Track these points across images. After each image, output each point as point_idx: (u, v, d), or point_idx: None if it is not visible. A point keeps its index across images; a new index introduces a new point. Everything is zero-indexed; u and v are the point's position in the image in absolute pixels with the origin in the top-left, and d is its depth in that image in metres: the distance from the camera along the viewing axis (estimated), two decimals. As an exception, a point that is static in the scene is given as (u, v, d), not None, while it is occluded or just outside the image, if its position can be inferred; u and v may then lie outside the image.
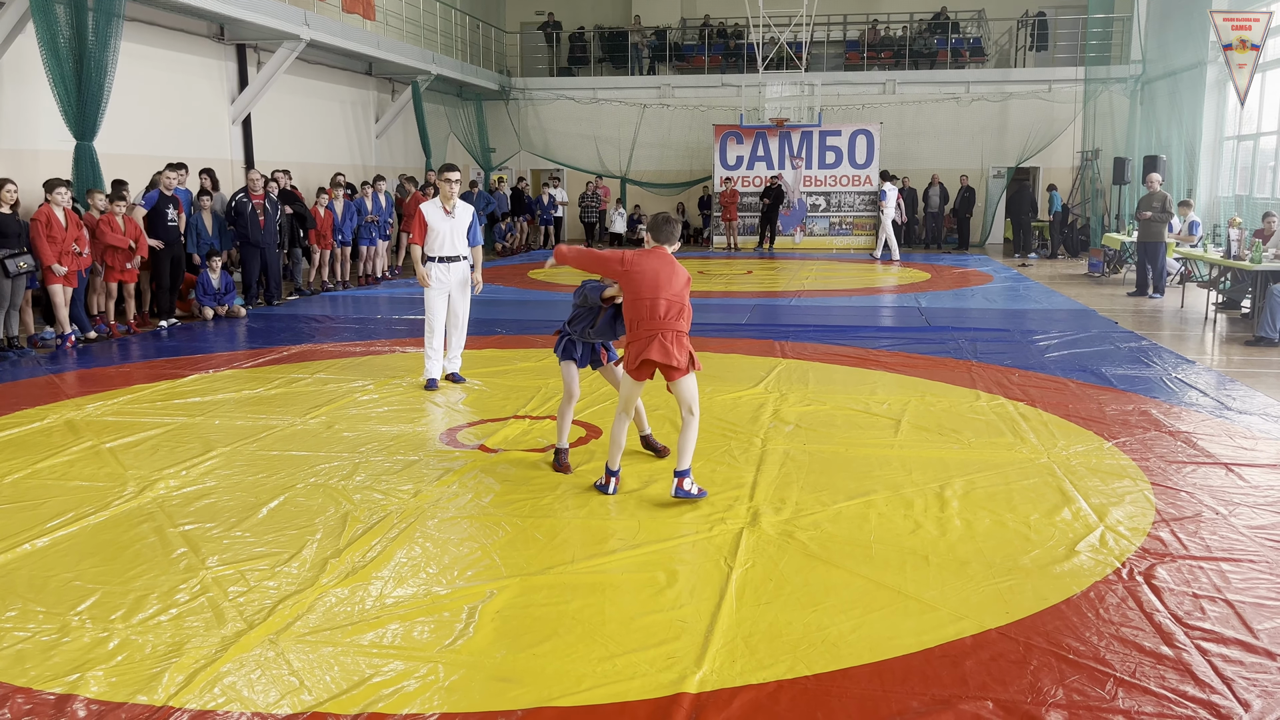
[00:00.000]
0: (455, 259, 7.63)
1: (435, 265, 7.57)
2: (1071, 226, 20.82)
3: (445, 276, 7.62)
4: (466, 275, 7.75)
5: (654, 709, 3.08)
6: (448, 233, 7.55)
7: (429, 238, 7.54)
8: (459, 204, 7.64)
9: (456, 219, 7.60)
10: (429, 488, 5.24)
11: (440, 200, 7.57)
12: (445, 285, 7.63)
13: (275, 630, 3.59)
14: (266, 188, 12.39)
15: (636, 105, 24.08)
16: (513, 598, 3.88)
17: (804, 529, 4.62)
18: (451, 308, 7.74)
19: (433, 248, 7.55)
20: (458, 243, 7.61)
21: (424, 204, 7.63)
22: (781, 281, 15.62)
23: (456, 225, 7.59)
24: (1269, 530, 4.55)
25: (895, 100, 23.25)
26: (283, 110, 16.60)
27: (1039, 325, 10.76)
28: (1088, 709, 3.05)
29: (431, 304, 7.64)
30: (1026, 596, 3.88)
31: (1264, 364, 8.71)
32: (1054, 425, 6.46)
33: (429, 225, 7.51)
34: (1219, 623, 3.63)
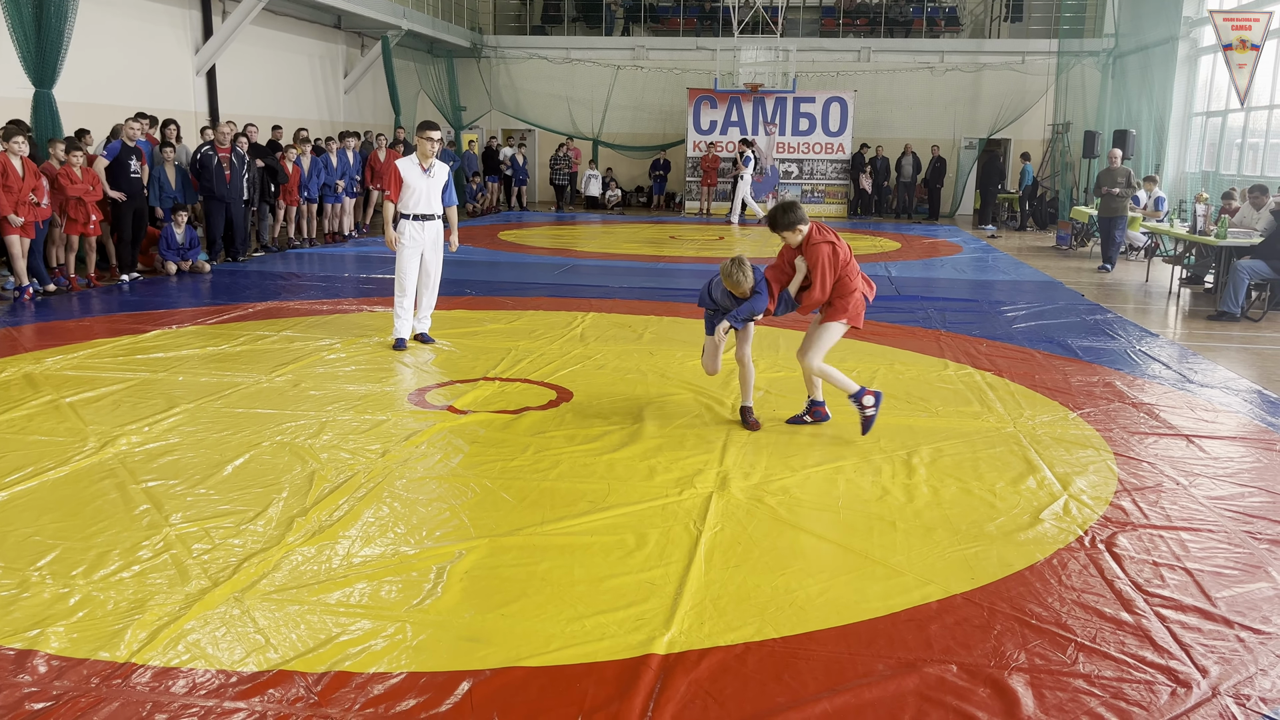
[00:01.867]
0: (430, 217, 7.52)
1: (409, 223, 7.46)
2: (1040, 199, 20.95)
3: (419, 235, 7.51)
4: (440, 234, 7.65)
5: (622, 670, 3.09)
6: (424, 191, 7.43)
7: (404, 195, 7.41)
8: (436, 163, 7.52)
9: (434, 177, 7.47)
10: (397, 448, 5.20)
11: (418, 157, 7.44)
12: (418, 244, 7.53)
13: (240, 588, 3.56)
14: (235, 142, 12.13)
15: (610, 66, 23.83)
16: (481, 558, 3.87)
17: (773, 494, 4.64)
18: (424, 267, 7.64)
19: (408, 205, 7.43)
20: (434, 201, 7.50)
21: (400, 160, 7.47)
22: (753, 248, 15.60)
23: (433, 184, 7.47)
24: (1228, 501, 4.63)
25: (870, 68, 23.18)
26: (248, 62, 16.24)
27: (1007, 296, 10.85)
28: (1049, 673, 3.10)
29: (403, 263, 7.54)
30: (991, 562, 3.93)
31: (1225, 338, 8.84)
32: (1020, 395, 6.52)
33: (405, 182, 7.38)
34: (1178, 590, 3.70)
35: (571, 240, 16.67)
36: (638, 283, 11.49)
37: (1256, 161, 16.09)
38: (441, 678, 3.03)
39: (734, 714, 2.87)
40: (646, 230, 18.38)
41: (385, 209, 7.51)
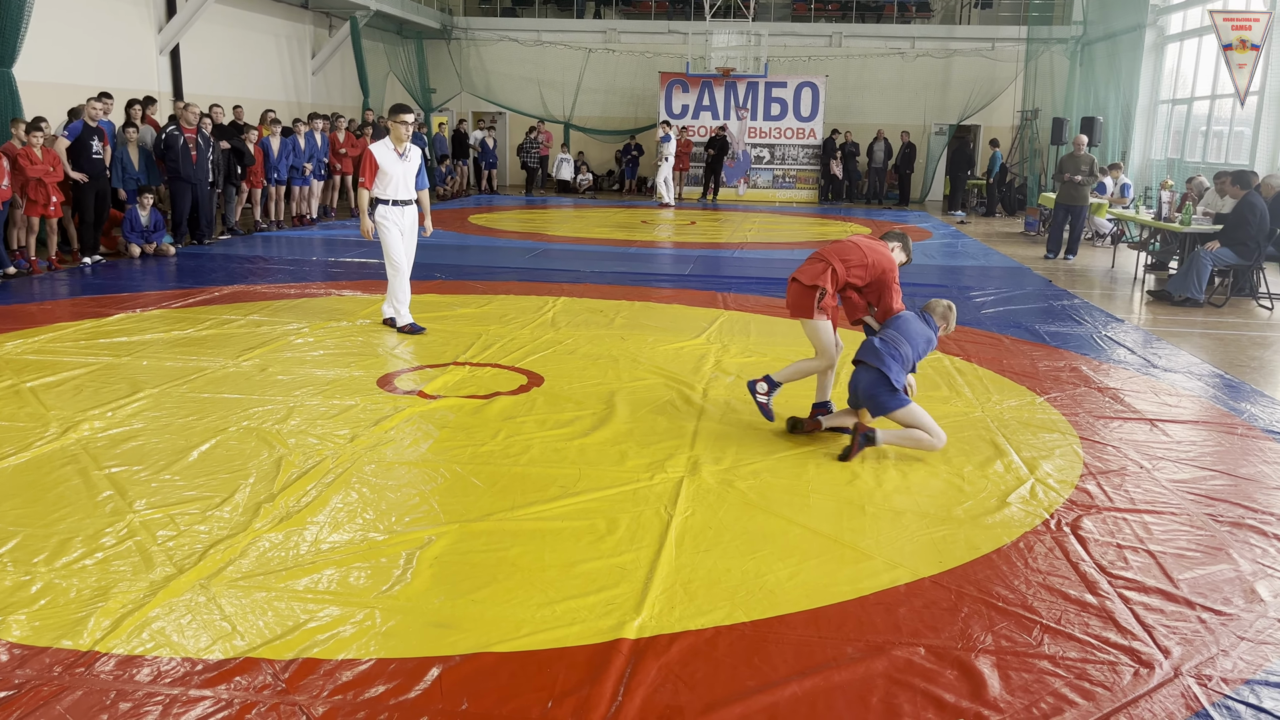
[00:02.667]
0: (407, 202, 7.43)
1: (389, 208, 7.35)
2: (1010, 185, 21.11)
3: (399, 220, 7.42)
4: (415, 220, 7.56)
5: (593, 654, 3.08)
6: (400, 176, 7.31)
7: (380, 180, 7.29)
8: (410, 146, 7.41)
9: (409, 161, 7.37)
10: (366, 433, 5.16)
11: (391, 141, 7.32)
12: (401, 228, 7.44)
13: (206, 575, 3.52)
14: (201, 122, 11.94)
15: (581, 49, 23.69)
16: (451, 544, 3.85)
17: (743, 478, 4.65)
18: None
19: (385, 191, 7.32)
20: (410, 186, 7.40)
21: (373, 145, 7.34)
22: (725, 233, 15.61)
23: (409, 168, 7.37)
24: (1190, 484, 4.70)
25: (841, 53, 23.21)
26: (214, 42, 15.98)
27: (976, 282, 10.93)
28: (1014, 654, 3.14)
29: (390, 244, 7.41)
30: (959, 546, 3.96)
31: (1189, 323, 8.97)
32: (988, 380, 6.58)
33: (380, 167, 7.25)
34: (1141, 572, 3.75)
35: (543, 224, 16.60)
36: (610, 267, 11.46)
37: (1221, 149, 16.30)
38: (411, 664, 3.02)
39: (704, 698, 2.87)
40: (618, 214, 18.33)
41: (360, 197, 7.38)
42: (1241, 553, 3.94)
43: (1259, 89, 14.79)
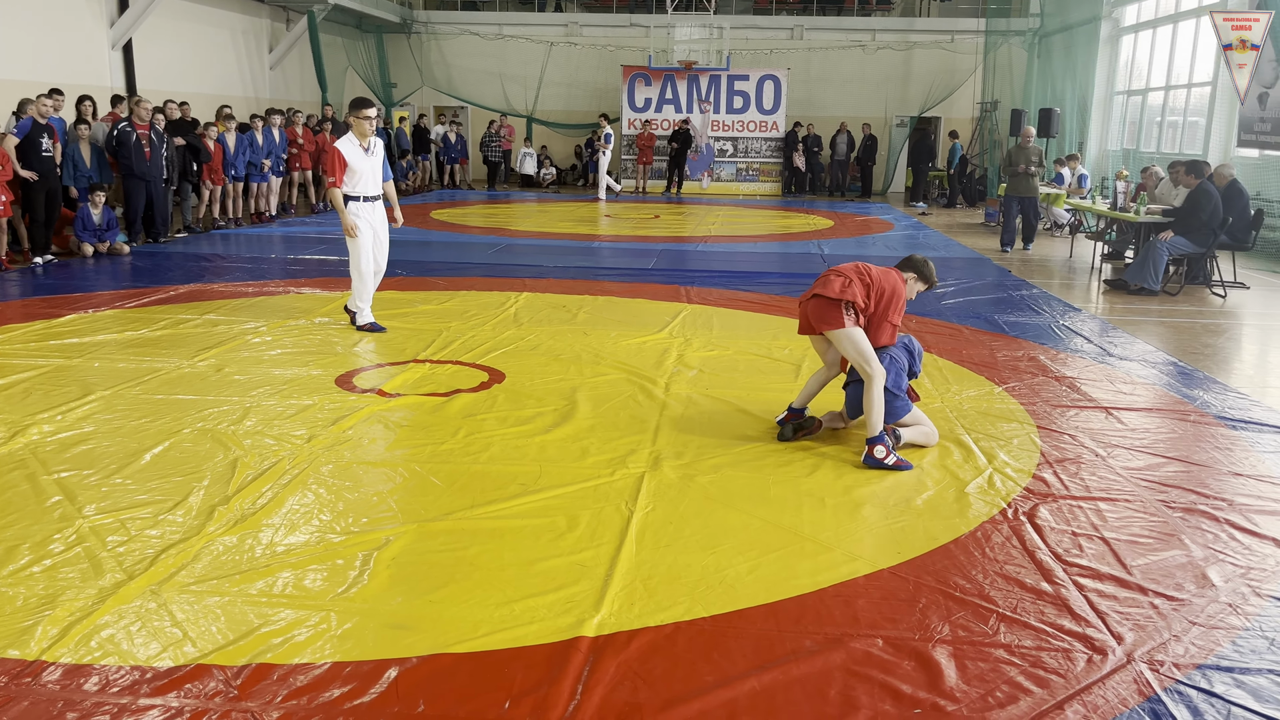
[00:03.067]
0: (377, 197, 7.33)
1: (360, 205, 7.23)
2: (970, 176, 21.30)
3: (371, 216, 7.31)
4: (385, 214, 7.47)
5: (551, 653, 3.07)
6: (369, 171, 7.20)
7: (349, 177, 7.15)
8: (375, 140, 7.30)
9: (375, 155, 7.28)
10: (324, 433, 5.09)
11: (356, 137, 7.19)
12: (371, 224, 7.33)
13: (157, 581, 3.45)
14: (154, 118, 11.73)
15: (543, 43, 23.58)
16: (409, 544, 3.81)
17: (704, 473, 4.65)
18: (378, 247, 7.43)
19: (354, 187, 7.19)
20: (378, 181, 7.31)
21: (340, 142, 7.20)
22: (688, 227, 15.62)
23: (375, 162, 7.27)
24: (1144, 471, 4.77)
25: (803, 46, 23.29)
26: (168, 36, 15.72)
27: (937, 273, 10.98)
28: (971, 644, 3.16)
29: (361, 245, 7.30)
30: (918, 536, 3.98)
31: (1144, 312, 9.09)
32: (948, 370, 6.63)
33: (349, 164, 7.12)
34: (1096, 559, 3.79)
35: (506, 219, 16.51)
36: (573, 262, 11.42)
37: (1175, 139, 16.55)
38: (367, 666, 2.98)
39: (662, 694, 2.87)
40: (582, 209, 18.28)
41: (333, 195, 7.20)
42: (1193, 538, 3.99)
43: (1211, 80, 15.03)
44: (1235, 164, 13.25)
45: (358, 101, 7.26)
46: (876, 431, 4.77)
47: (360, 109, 7.18)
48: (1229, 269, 10.55)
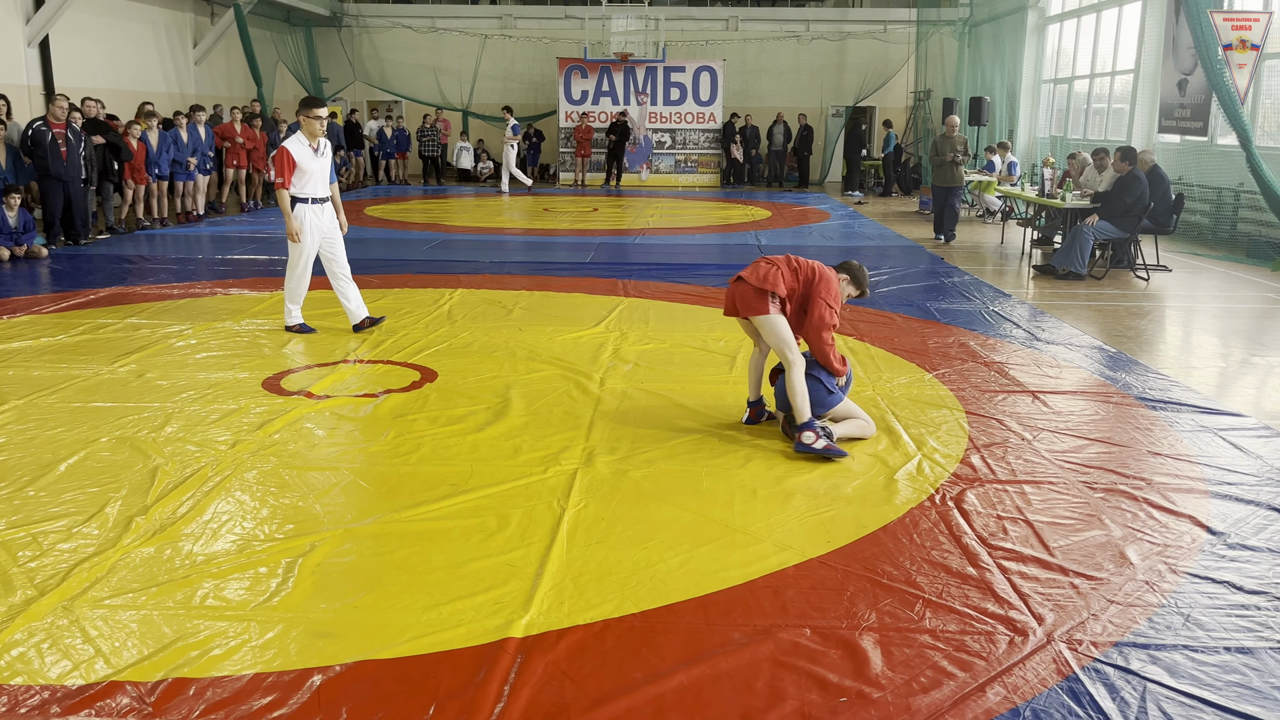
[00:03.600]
0: (326, 200, 7.15)
1: (308, 208, 7.03)
2: (905, 165, 21.58)
3: (319, 219, 7.10)
4: (333, 216, 7.27)
5: (478, 656, 3.03)
6: (318, 172, 7.01)
7: (298, 178, 6.94)
8: (324, 141, 7.11)
9: (324, 156, 7.09)
10: (249, 437, 4.98)
11: (306, 137, 6.98)
12: (319, 229, 7.12)
13: (70, 596, 3.34)
14: (70, 116, 11.37)
15: (478, 35, 23.35)
16: (334, 549, 3.74)
17: (638, 467, 4.64)
18: (334, 250, 7.23)
19: (303, 189, 6.99)
20: (326, 183, 7.12)
21: (289, 142, 6.97)
22: (627, 219, 15.59)
23: (324, 163, 7.08)
24: (1067, 454, 4.86)
25: (738, 37, 23.37)
26: (86, 32, 15.26)
27: (871, 261, 11.13)
28: (897, 630, 3.19)
29: (305, 250, 7.11)
30: (847, 525, 4.02)
31: (1071, 296, 9.29)
32: (880, 358, 6.70)
33: (298, 165, 6.90)
34: (1019, 542, 3.86)
35: (442, 214, 16.33)
36: (510, 257, 11.34)
37: (1102, 125, 16.93)
38: (289, 677, 2.92)
39: (590, 694, 2.85)
40: (520, 202, 18.16)
41: (280, 198, 6.98)
42: (1113, 518, 4.08)
43: (1134, 67, 15.39)
44: (1157, 149, 13.60)
45: (308, 100, 7.04)
46: (805, 418, 4.80)
47: (310, 108, 6.97)
48: (1152, 253, 10.82)
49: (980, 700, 2.82)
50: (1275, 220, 11.34)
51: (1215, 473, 4.61)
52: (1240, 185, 12.29)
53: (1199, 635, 3.19)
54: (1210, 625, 3.25)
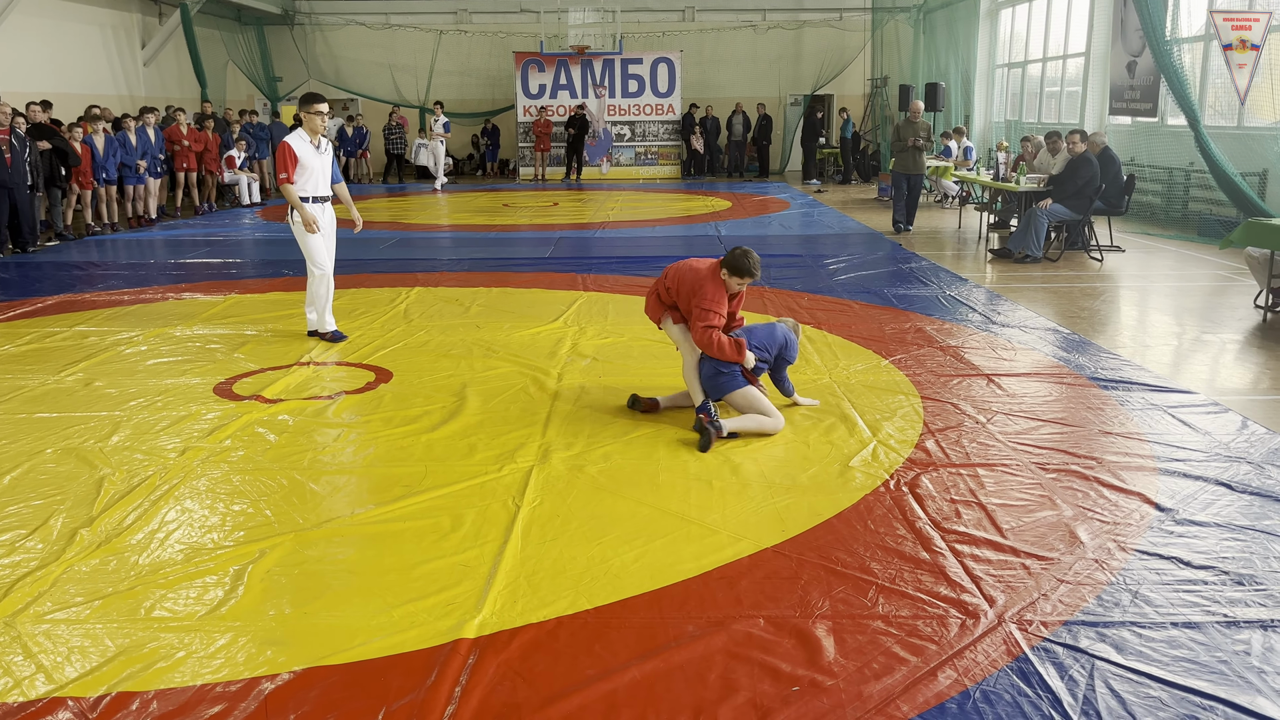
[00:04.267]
0: (327, 199, 7.00)
1: (309, 206, 6.87)
2: (864, 153, 21.68)
3: (320, 217, 6.95)
4: (333, 217, 7.12)
5: (429, 658, 3.00)
6: (319, 169, 6.86)
7: (300, 175, 6.78)
8: (324, 139, 6.96)
9: (325, 154, 6.94)
10: (199, 444, 4.90)
11: (306, 133, 6.83)
12: (322, 226, 6.97)
13: (10, 612, 3.27)
14: (14, 121, 11.12)
15: (433, 31, 23.15)
16: (285, 555, 3.69)
17: (594, 462, 4.62)
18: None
19: (304, 187, 6.83)
20: (328, 180, 6.98)
21: (290, 137, 6.82)
22: (587, 213, 15.54)
23: (325, 161, 6.93)
24: (1020, 435, 4.90)
25: (694, 28, 23.35)
26: (30, 34, 14.94)
27: (830, 250, 11.17)
28: (850, 617, 3.20)
29: (315, 246, 6.92)
30: (802, 513, 4.02)
31: (1027, 279, 9.38)
32: (837, 346, 6.73)
33: (300, 160, 6.75)
34: (972, 525, 3.88)
35: (401, 212, 16.18)
36: (468, 254, 11.26)
37: (1056, 109, 17.10)
38: (236, 686, 2.87)
39: (542, 692, 2.83)
40: (479, 199, 18.04)
41: (288, 192, 6.82)
42: (1064, 498, 4.12)
43: (1085, 50, 15.56)
44: (1109, 131, 13.76)
45: (309, 97, 6.87)
46: (697, 401, 5.08)
47: (311, 104, 6.81)
48: (1105, 234, 10.95)
49: (931, 684, 2.83)
50: (1225, 199, 11.51)
51: (1164, 450, 4.67)
52: (1190, 165, 12.47)
53: (1147, 611, 3.22)
54: (1158, 601, 3.29)
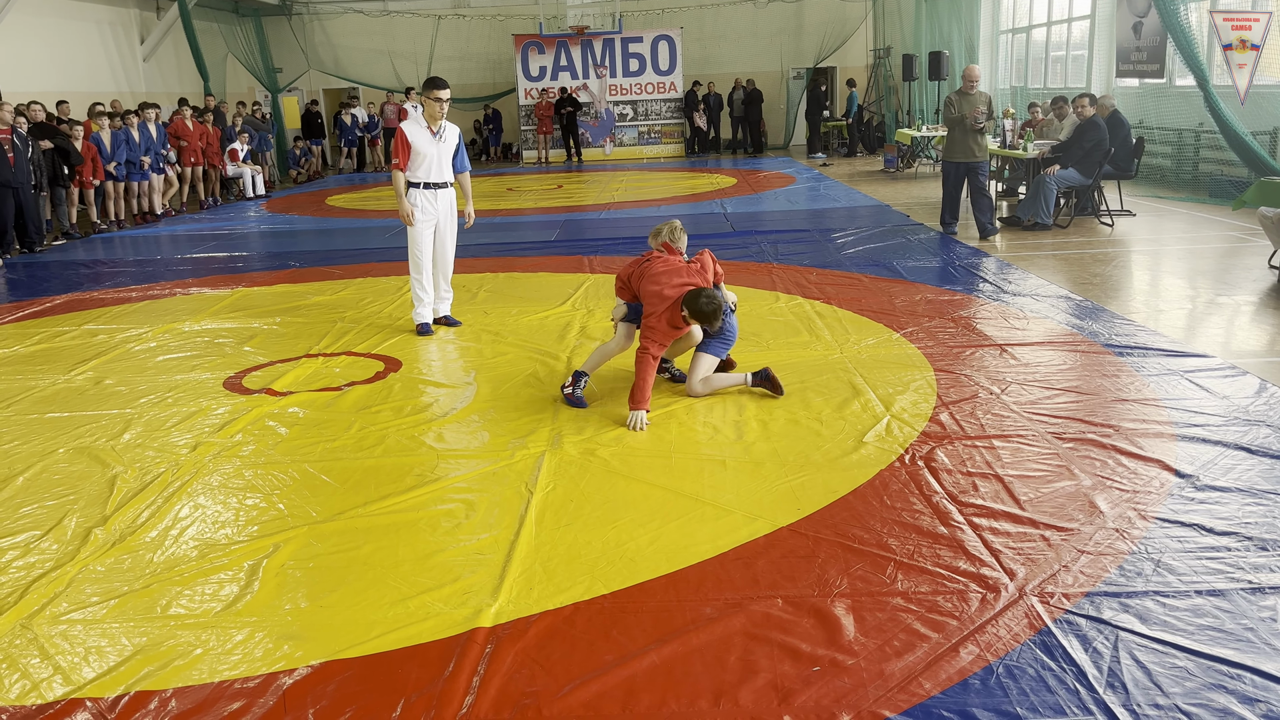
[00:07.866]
0: (443, 185, 6.87)
1: (420, 192, 6.78)
2: (868, 124, 21.50)
3: (432, 205, 6.83)
4: (453, 204, 7.01)
5: (446, 648, 2.98)
6: (435, 157, 6.74)
7: (413, 162, 6.70)
8: (446, 126, 6.85)
9: (445, 141, 6.81)
10: (210, 439, 4.89)
11: (425, 120, 6.75)
12: (432, 216, 6.85)
13: (26, 614, 3.27)
14: (15, 121, 11.11)
15: (431, 16, 23.00)
16: (299, 549, 3.68)
17: (605, 445, 4.59)
18: (439, 241, 6.99)
19: (417, 174, 6.74)
20: (445, 168, 6.85)
21: (405, 123, 6.75)
22: (591, 195, 15.47)
23: (444, 149, 6.80)
24: (1035, 405, 4.85)
25: (694, 4, 23.13)
26: (30, 33, 14.91)
27: (838, 223, 11.09)
28: (869, 595, 3.17)
29: (419, 238, 6.83)
30: (817, 491, 3.99)
31: (1037, 246, 9.29)
32: (847, 321, 6.67)
33: (413, 147, 6.67)
34: (990, 498, 3.84)
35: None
36: (474, 239, 11.20)
37: (1061, 74, 16.90)
38: (254, 682, 2.86)
39: (560, 680, 2.81)
40: (483, 183, 17.98)
41: (395, 179, 6.75)
42: (1082, 468, 4.07)
43: (1090, 12, 15.36)
44: (1116, 94, 13.60)
45: (431, 81, 6.71)
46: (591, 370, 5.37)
47: (432, 89, 6.65)
48: (1115, 198, 10.83)
49: (953, 660, 2.80)
50: (1236, 159, 11.37)
51: (1182, 415, 4.61)
52: (1200, 125, 12.31)
53: (1170, 580, 3.18)
54: (1181, 569, 3.25)
